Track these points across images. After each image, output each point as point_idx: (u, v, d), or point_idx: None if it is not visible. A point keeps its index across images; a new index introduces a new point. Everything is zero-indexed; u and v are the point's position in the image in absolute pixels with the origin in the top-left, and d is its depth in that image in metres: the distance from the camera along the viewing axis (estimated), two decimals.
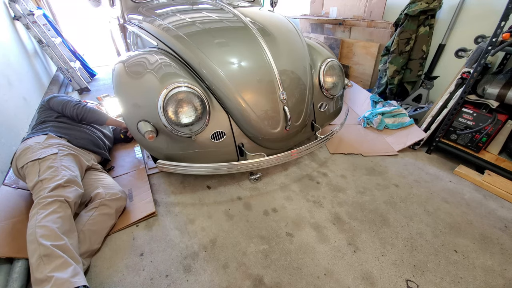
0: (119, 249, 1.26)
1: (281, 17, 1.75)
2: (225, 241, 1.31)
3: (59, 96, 1.60)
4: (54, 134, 1.42)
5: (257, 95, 1.36)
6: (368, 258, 1.22)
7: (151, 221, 1.42)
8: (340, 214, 1.45)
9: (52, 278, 0.88)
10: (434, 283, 1.11)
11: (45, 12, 3.41)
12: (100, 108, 1.96)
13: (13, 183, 1.45)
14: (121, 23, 2.22)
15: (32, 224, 1.00)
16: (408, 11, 2.20)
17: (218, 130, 1.34)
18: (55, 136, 1.41)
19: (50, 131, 1.43)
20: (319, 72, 1.59)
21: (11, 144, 1.73)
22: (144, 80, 1.29)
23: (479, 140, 1.74)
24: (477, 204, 1.54)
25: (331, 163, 1.88)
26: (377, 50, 2.66)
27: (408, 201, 1.55)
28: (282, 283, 1.12)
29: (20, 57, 2.47)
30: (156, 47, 1.58)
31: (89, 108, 1.61)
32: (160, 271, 1.16)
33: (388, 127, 2.22)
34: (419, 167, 1.85)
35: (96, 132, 1.73)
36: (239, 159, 1.43)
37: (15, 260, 1.12)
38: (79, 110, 1.56)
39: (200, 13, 1.72)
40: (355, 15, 2.92)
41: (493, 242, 1.30)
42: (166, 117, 1.19)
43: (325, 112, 1.67)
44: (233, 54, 1.39)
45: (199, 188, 1.65)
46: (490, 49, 1.54)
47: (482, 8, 2.00)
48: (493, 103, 1.69)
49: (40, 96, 2.65)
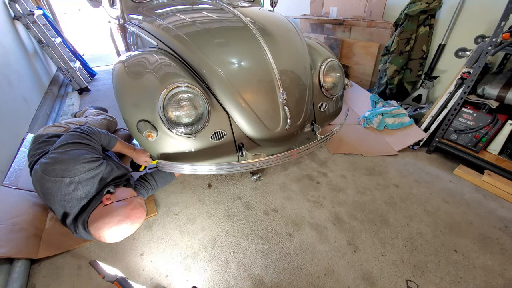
0: (119, 249, 1.26)
1: (281, 17, 1.75)
2: (225, 241, 1.31)
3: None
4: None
5: (257, 95, 1.35)
6: (368, 258, 1.22)
7: (151, 221, 1.42)
8: (340, 214, 1.45)
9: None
10: (434, 283, 1.11)
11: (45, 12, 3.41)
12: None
13: (12, 184, 1.45)
14: (121, 23, 2.21)
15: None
16: (408, 11, 2.20)
17: (218, 130, 1.34)
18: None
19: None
20: (319, 72, 1.59)
21: (11, 144, 1.73)
22: (144, 80, 1.28)
23: (479, 140, 1.74)
24: (477, 204, 1.54)
25: (331, 163, 1.88)
26: (377, 50, 2.66)
27: (408, 201, 1.55)
28: (282, 283, 1.12)
29: (20, 57, 2.47)
30: (156, 47, 1.58)
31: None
32: (160, 271, 1.16)
33: (388, 127, 2.22)
34: (419, 167, 1.85)
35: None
36: (239, 159, 1.43)
37: (15, 260, 1.12)
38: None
39: (200, 13, 1.71)
40: (355, 15, 2.92)
41: (493, 242, 1.30)
42: (166, 117, 1.19)
43: (325, 112, 1.67)
44: (233, 54, 1.39)
45: (199, 188, 1.65)
46: (490, 49, 1.54)
47: (482, 8, 2.00)
48: (493, 103, 1.69)
49: (40, 96, 2.65)
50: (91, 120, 1.72)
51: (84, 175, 1.04)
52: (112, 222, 1.01)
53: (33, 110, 2.32)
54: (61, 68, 3.08)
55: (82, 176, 1.04)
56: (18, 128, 1.91)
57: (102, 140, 1.25)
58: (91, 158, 1.08)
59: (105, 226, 1.00)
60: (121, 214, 1.03)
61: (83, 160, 1.05)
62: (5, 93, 1.89)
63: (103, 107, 2.33)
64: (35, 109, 2.36)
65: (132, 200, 1.10)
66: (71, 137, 1.13)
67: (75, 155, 1.05)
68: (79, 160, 1.04)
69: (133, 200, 1.11)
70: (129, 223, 1.04)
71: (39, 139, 1.28)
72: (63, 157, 1.03)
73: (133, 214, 1.05)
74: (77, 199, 1.04)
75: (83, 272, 1.15)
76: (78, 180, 1.03)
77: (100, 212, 1.04)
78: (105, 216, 1.02)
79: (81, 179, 1.04)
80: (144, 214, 1.11)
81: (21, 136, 1.89)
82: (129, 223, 1.03)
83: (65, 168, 1.01)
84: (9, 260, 1.12)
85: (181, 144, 1.31)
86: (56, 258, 1.21)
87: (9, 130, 1.76)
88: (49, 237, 1.27)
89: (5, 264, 1.10)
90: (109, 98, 3.08)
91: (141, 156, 1.37)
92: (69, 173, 1.01)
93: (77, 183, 1.03)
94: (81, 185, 1.04)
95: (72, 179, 1.02)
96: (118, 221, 1.01)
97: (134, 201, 1.10)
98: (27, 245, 1.18)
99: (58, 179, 1.00)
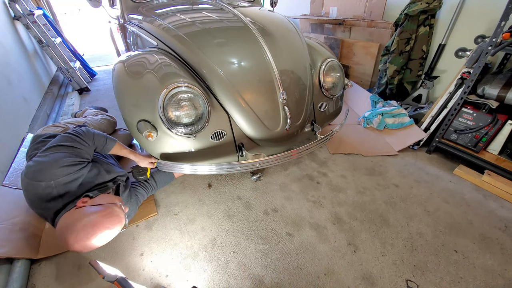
0: (119, 249, 1.26)
1: (281, 17, 1.75)
2: (225, 241, 1.31)
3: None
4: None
5: (257, 95, 1.36)
6: (368, 258, 1.22)
7: (151, 221, 1.42)
8: (340, 214, 1.45)
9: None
10: (434, 283, 1.11)
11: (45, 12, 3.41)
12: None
13: (12, 184, 1.45)
14: (121, 23, 2.21)
15: None
16: (408, 11, 2.20)
17: (218, 130, 1.34)
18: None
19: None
20: (319, 72, 1.59)
21: (11, 144, 1.73)
22: (144, 80, 1.28)
23: (479, 140, 1.74)
24: (477, 204, 1.54)
25: (331, 163, 1.88)
26: (377, 50, 2.66)
27: (408, 201, 1.55)
28: (282, 283, 1.12)
29: (20, 57, 2.47)
30: (156, 47, 1.58)
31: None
32: (160, 271, 1.16)
33: (388, 127, 2.22)
34: (419, 167, 1.85)
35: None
36: (239, 159, 1.43)
37: (15, 260, 1.12)
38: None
39: (200, 13, 1.71)
40: (355, 15, 2.92)
41: (493, 242, 1.30)
42: (166, 117, 1.19)
43: (325, 112, 1.67)
44: (233, 54, 1.39)
45: (199, 188, 1.65)
46: (490, 49, 1.54)
47: (482, 8, 2.00)
48: (493, 103, 1.69)
49: (40, 96, 2.65)
50: (90, 120, 1.71)
51: (61, 180, 0.98)
52: (76, 226, 0.89)
53: (33, 110, 2.32)
54: (61, 68, 3.08)
55: (58, 181, 0.98)
56: (18, 128, 1.91)
57: (96, 142, 1.17)
58: (72, 162, 1.01)
59: (69, 230, 0.89)
60: (91, 219, 0.91)
61: (61, 164, 0.99)
62: (5, 93, 1.89)
63: (103, 107, 2.33)
64: (35, 109, 2.36)
65: (108, 206, 0.99)
66: (59, 139, 1.08)
67: (54, 159, 0.99)
68: (57, 164, 0.98)
69: (110, 206, 1.00)
70: (97, 230, 0.90)
71: (37, 139, 1.27)
72: (43, 160, 0.99)
73: (104, 221, 0.93)
74: (53, 202, 0.98)
75: (83, 272, 1.15)
76: (54, 184, 0.97)
77: (68, 215, 0.95)
78: (72, 219, 0.92)
79: (57, 184, 0.98)
80: (118, 225, 0.98)
81: (21, 136, 1.89)
82: (97, 231, 0.90)
83: (42, 172, 0.96)
84: (9, 260, 1.12)
85: (181, 144, 1.31)
86: (56, 258, 1.21)
87: (9, 130, 1.76)
88: (49, 237, 1.27)
89: (5, 264, 1.10)
90: (109, 98, 3.08)
91: (143, 159, 1.33)
92: (45, 177, 0.96)
93: (53, 188, 0.97)
94: (56, 190, 0.98)
95: (49, 183, 0.96)
96: (84, 226, 0.89)
97: (110, 208, 0.99)
98: (27, 245, 1.18)
99: (35, 183, 0.96)
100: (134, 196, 1.34)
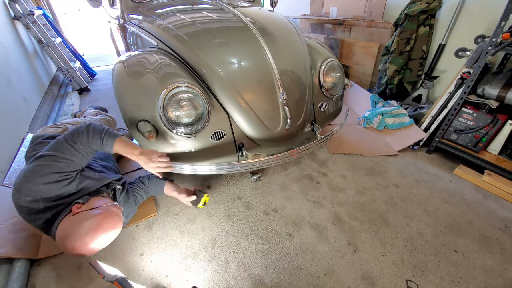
0: (119, 249, 1.26)
1: (281, 17, 1.75)
2: (225, 241, 1.31)
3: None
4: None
5: (257, 95, 1.36)
6: (368, 258, 1.22)
7: (151, 221, 1.42)
8: (340, 214, 1.45)
9: None
10: (434, 283, 1.11)
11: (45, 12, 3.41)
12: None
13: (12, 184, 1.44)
14: (121, 23, 2.21)
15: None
16: (408, 11, 2.20)
17: (218, 130, 1.34)
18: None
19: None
20: (319, 72, 1.59)
21: (11, 144, 1.73)
22: (144, 80, 1.28)
23: (479, 140, 1.74)
24: (477, 204, 1.54)
25: (331, 163, 1.88)
26: (377, 50, 2.66)
27: (408, 201, 1.55)
28: (282, 283, 1.12)
29: (20, 57, 2.47)
30: (156, 47, 1.58)
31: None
32: (160, 271, 1.16)
33: (388, 127, 2.22)
34: (419, 167, 1.85)
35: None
36: (239, 159, 1.43)
37: (15, 260, 1.12)
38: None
39: (200, 13, 1.71)
40: (355, 15, 2.92)
41: (493, 242, 1.30)
42: (166, 117, 1.19)
43: (325, 112, 1.67)
44: (233, 54, 1.39)
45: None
46: (490, 49, 1.54)
47: (482, 8, 2.00)
48: (493, 103, 1.69)
49: (40, 96, 2.65)
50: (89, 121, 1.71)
51: (47, 195, 0.97)
52: (80, 232, 0.89)
53: (33, 110, 2.32)
54: (61, 68, 3.08)
55: (45, 197, 0.97)
56: (18, 128, 1.91)
57: (91, 143, 1.07)
58: (58, 178, 0.98)
59: (72, 237, 0.89)
60: (92, 222, 0.92)
61: (47, 181, 0.96)
62: (5, 93, 1.89)
63: (103, 107, 2.33)
64: (35, 109, 2.36)
65: (107, 208, 1.00)
66: (54, 146, 1.04)
67: (41, 174, 0.96)
68: (43, 180, 0.96)
69: (108, 208, 1.00)
70: (101, 231, 0.92)
71: (36, 140, 1.25)
72: (30, 175, 0.97)
73: (106, 222, 0.94)
74: (41, 214, 0.98)
75: (83, 272, 1.15)
76: (40, 198, 0.97)
77: (67, 221, 0.94)
78: (74, 225, 0.91)
79: (43, 198, 0.97)
80: (119, 224, 0.99)
81: (21, 136, 1.89)
82: (101, 232, 0.92)
83: (29, 188, 0.95)
84: (9, 260, 1.12)
85: (181, 144, 1.31)
86: (56, 258, 1.21)
87: (9, 130, 1.76)
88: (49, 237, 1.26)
89: (5, 264, 1.10)
90: (109, 98, 3.08)
91: (149, 162, 1.15)
92: (31, 193, 0.95)
93: (39, 201, 0.97)
94: (43, 203, 0.97)
95: (35, 198, 0.96)
96: (87, 230, 0.90)
97: (109, 209, 1.00)
98: (27, 245, 1.18)
99: (21, 197, 0.95)
100: (132, 197, 1.34)
